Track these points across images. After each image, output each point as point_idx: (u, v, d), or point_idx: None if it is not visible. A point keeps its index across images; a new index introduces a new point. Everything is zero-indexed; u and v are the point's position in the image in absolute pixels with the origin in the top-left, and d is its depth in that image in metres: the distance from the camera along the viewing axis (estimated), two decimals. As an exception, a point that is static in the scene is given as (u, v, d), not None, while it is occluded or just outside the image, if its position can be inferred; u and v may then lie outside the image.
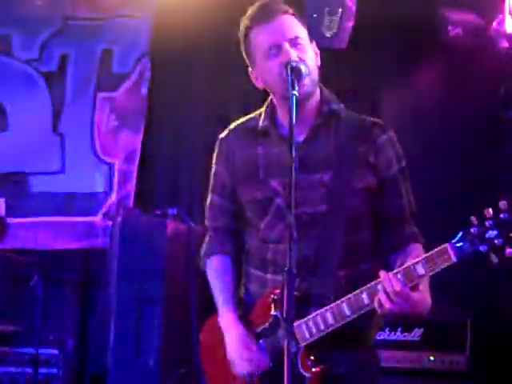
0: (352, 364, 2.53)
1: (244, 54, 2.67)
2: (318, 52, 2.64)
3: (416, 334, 4.26)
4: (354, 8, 5.14)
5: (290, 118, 2.34)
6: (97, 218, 5.59)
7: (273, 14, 2.57)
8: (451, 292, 4.39)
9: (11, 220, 5.58)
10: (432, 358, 4.23)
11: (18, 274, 5.35)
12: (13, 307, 5.36)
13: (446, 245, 2.27)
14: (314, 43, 2.64)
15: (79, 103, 5.69)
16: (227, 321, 2.65)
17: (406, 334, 4.26)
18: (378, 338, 3.97)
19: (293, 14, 2.61)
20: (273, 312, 2.51)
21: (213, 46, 5.60)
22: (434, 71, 5.26)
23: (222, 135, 2.78)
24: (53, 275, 5.12)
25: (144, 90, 5.68)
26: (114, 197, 5.61)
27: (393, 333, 4.26)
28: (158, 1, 5.61)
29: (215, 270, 2.77)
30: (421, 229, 2.63)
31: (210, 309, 2.80)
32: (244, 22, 2.63)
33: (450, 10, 5.19)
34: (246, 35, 2.62)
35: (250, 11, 2.62)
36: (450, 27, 5.15)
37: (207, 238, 2.84)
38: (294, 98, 2.36)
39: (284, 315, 2.15)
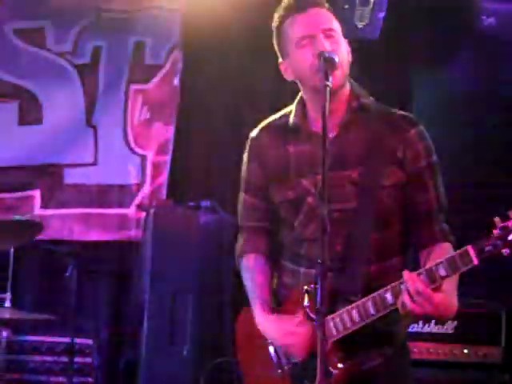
0: (380, 359, 2.53)
1: (276, 45, 2.68)
2: (350, 50, 2.62)
3: (449, 326, 4.23)
4: (385, -2, 5.13)
5: (323, 109, 2.32)
6: (130, 210, 5.61)
7: (307, 5, 2.58)
8: (485, 284, 4.38)
9: (46, 211, 5.62)
10: (466, 350, 4.21)
11: (53, 264, 5.37)
12: (48, 297, 5.43)
13: (468, 247, 2.25)
14: (347, 41, 2.63)
15: (112, 95, 5.70)
16: (260, 316, 2.66)
17: (439, 326, 4.24)
18: (412, 331, 4.04)
19: (327, 9, 2.61)
20: (306, 303, 2.52)
21: (244, 36, 5.59)
22: (467, 61, 5.21)
23: (253, 134, 2.79)
24: (87, 266, 5.15)
25: (176, 82, 5.69)
26: (146, 188, 5.62)
27: (426, 325, 4.24)
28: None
29: (248, 270, 2.79)
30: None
31: (243, 299, 2.82)
32: (278, 13, 2.64)
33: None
34: (280, 26, 2.63)
35: (285, 2, 2.63)
36: (483, 17, 5.12)
37: (240, 238, 2.85)
38: (328, 90, 2.34)
39: (317, 307, 2.15)
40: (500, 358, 4.18)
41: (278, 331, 2.58)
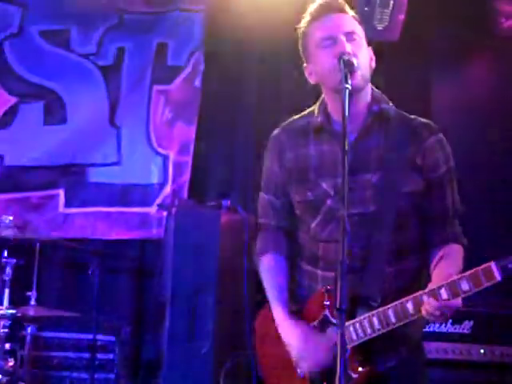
0: (396, 360, 2.56)
1: (301, 49, 2.71)
2: (374, 57, 2.66)
3: (466, 326, 4.24)
4: (405, 0, 5.13)
5: (343, 110, 2.35)
6: (152, 209, 5.62)
7: (332, 10, 2.63)
8: (501, 284, 4.37)
9: (70, 210, 5.64)
10: (482, 350, 4.21)
11: (76, 262, 5.42)
12: (71, 294, 5.45)
13: (492, 263, 2.28)
14: (370, 48, 2.67)
15: (135, 96, 5.73)
16: (280, 319, 2.69)
17: (456, 326, 4.24)
18: (429, 330, 4.04)
19: (352, 16, 2.65)
20: (326, 302, 2.56)
21: (264, 37, 5.60)
22: (485, 64, 5.20)
23: (275, 133, 2.81)
24: (110, 264, 5.21)
25: (198, 83, 5.71)
26: (168, 188, 5.64)
27: (443, 325, 4.24)
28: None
29: (267, 270, 2.81)
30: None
31: (262, 298, 2.85)
32: (304, 18, 2.68)
33: (503, 2, 5.14)
34: (305, 30, 2.67)
35: (311, 8, 2.67)
36: (502, 19, 5.11)
37: (260, 236, 2.88)
38: (347, 91, 2.37)
39: (337, 308, 2.16)
40: (517, 358, 4.18)
41: (296, 340, 2.61)
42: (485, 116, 5.14)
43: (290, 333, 2.65)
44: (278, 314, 2.70)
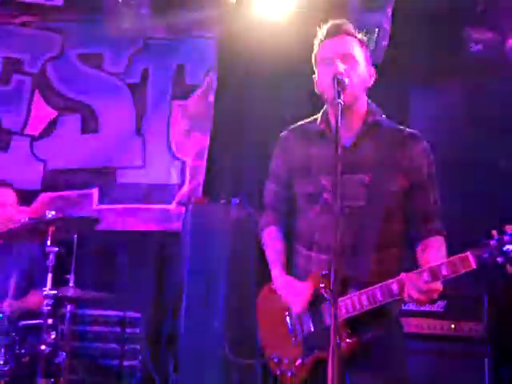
0: (379, 332, 2.56)
1: (313, 61, 2.73)
2: (374, 76, 2.67)
3: (440, 305, 4.25)
4: (388, 28, 5.13)
5: (336, 121, 2.37)
6: (171, 206, 5.63)
7: (337, 32, 2.64)
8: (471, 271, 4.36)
9: (102, 206, 5.65)
10: (453, 326, 4.22)
11: (108, 250, 5.46)
12: (103, 278, 5.44)
13: (468, 253, 2.28)
14: (373, 69, 2.68)
15: (157, 109, 5.74)
16: (277, 275, 2.71)
17: (431, 305, 4.25)
18: (407, 308, 4.04)
19: (356, 37, 2.65)
20: (321, 285, 2.56)
21: (270, 62, 5.61)
22: (458, 84, 5.19)
23: (283, 134, 2.84)
24: (136, 252, 5.23)
25: (211, 98, 5.71)
26: (186, 188, 5.64)
27: (420, 304, 4.27)
28: (224, 23, 5.68)
29: (268, 238, 2.84)
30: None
31: (268, 281, 2.88)
32: (318, 35, 2.70)
33: (473, 29, 5.14)
34: (315, 47, 2.70)
35: (323, 27, 2.69)
36: (471, 44, 5.11)
37: (264, 214, 2.91)
38: (340, 106, 2.40)
39: (330, 287, 2.17)
40: (482, 332, 4.19)
41: (289, 287, 2.64)
42: (455, 126, 5.14)
43: (283, 284, 2.66)
44: (275, 271, 2.72)
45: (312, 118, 2.80)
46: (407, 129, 2.71)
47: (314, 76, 2.72)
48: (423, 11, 5.04)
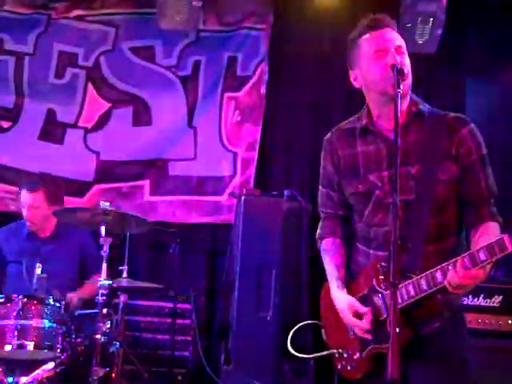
0: (439, 323, 2.53)
1: (349, 57, 2.70)
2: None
3: (496, 300, 4.19)
4: (443, 17, 5.06)
5: (395, 111, 2.34)
6: (223, 197, 5.65)
7: (383, 25, 2.62)
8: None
9: (154, 198, 5.70)
10: (510, 321, 4.16)
11: (160, 242, 5.48)
12: (156, 269, 5.53)
13: (504, 236, 2.24)
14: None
15: (209, 101, 5.75)
16: (335, 291, 2.72)
17: (487, 300, 4.20)
18: (462, 303, 3.97)
19: (396, 31, 2.64)
20: (380, 276, 2.55)
21: (319, 53, 5.62)
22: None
23: (327, 137, 2.83)
24: (187, 244, 5.23)
25: (263, 90, 5.71)
26: (237, 179, 5.66)
27: (476, 299, 4.21)
28: (275, 15, 5.70)
29: (325, 252, 2.84)
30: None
31: (319, 273, 2.89)
32: (356, 30, 2.67)
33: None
34: (356, 39, 2.65)
35: (363, 22, 2.66)
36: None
37: (320, 224, 2.91)
38: (399, 95, 2.38)
39: (390, 280, 2.16)
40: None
41: (344, 310, 2.64)
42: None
43: (341, 304, 2.67)
44: (333, 287, 2.73)
45: (353, 118, 2.79)
46: (451, 113, 2.66)
47: (351, 72, 2.69)
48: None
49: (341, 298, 2.68)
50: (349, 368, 2.67)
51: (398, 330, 2.31)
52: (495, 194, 2.61)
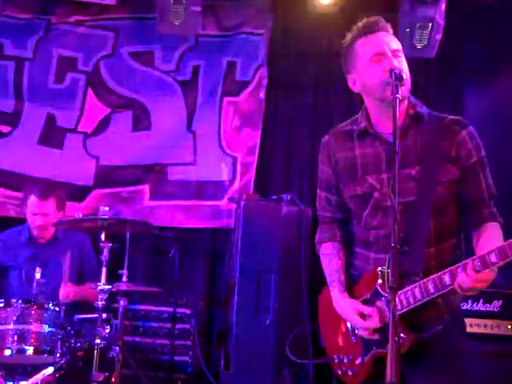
0: (440, 327, 2.53)
1: (345, 61, 2.67)
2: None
3: (496, 305, 4.19)
4: (442, 23, 5.07)
5: (394, 117, 2.33)
6: (222, 202, 5.65)
7: (378, 29, 2.60)
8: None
9: (153, 202, 5.69)
10: (510, 326, 4.16)
11: (160, 246, 5.50)
12: (155, 274, 5.50)
13: None
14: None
15: (208, 106, 5.74)
16: (336, 296, 2.70)
17: (487, 304, 4.20)
18: (463, 308, 3.97)
19: (392, 34, 2.63)
20: (379, 281, 2.55)
21: (319, 57, 5.63)
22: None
23: (324, 139, 2.81)
24: (187, 248, 5.23)
25: (262, 95, 5.71)
26: (237, 184, 5.66)
27: (475, 303, 4.21)
28: (274, 20, 5.71)
29: (325, 256, 2.82)
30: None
31: (318, 278, 2.89)
32: (351, 33, 2.64)
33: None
34: (351, 44, 2.63)
35: (358, 25, 2.63)
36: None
37: (318, 228, 2.89)
38: (398, 100, 2.37)
39: (389, 284, 2.15)
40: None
41: (349, 313, 2.63)
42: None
43: (344, 307, 2.66)
44: (334, 290, 2.72)
45: (350, 120, 2.77)
46: (449, 116, 2.65)
47: (348, 76, 2.67)
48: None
49: (343, 301, 2.67)
50: (350, 373, 2.66)
51: (402, 335, 2.35)
52: (495, 195, 2.61)
